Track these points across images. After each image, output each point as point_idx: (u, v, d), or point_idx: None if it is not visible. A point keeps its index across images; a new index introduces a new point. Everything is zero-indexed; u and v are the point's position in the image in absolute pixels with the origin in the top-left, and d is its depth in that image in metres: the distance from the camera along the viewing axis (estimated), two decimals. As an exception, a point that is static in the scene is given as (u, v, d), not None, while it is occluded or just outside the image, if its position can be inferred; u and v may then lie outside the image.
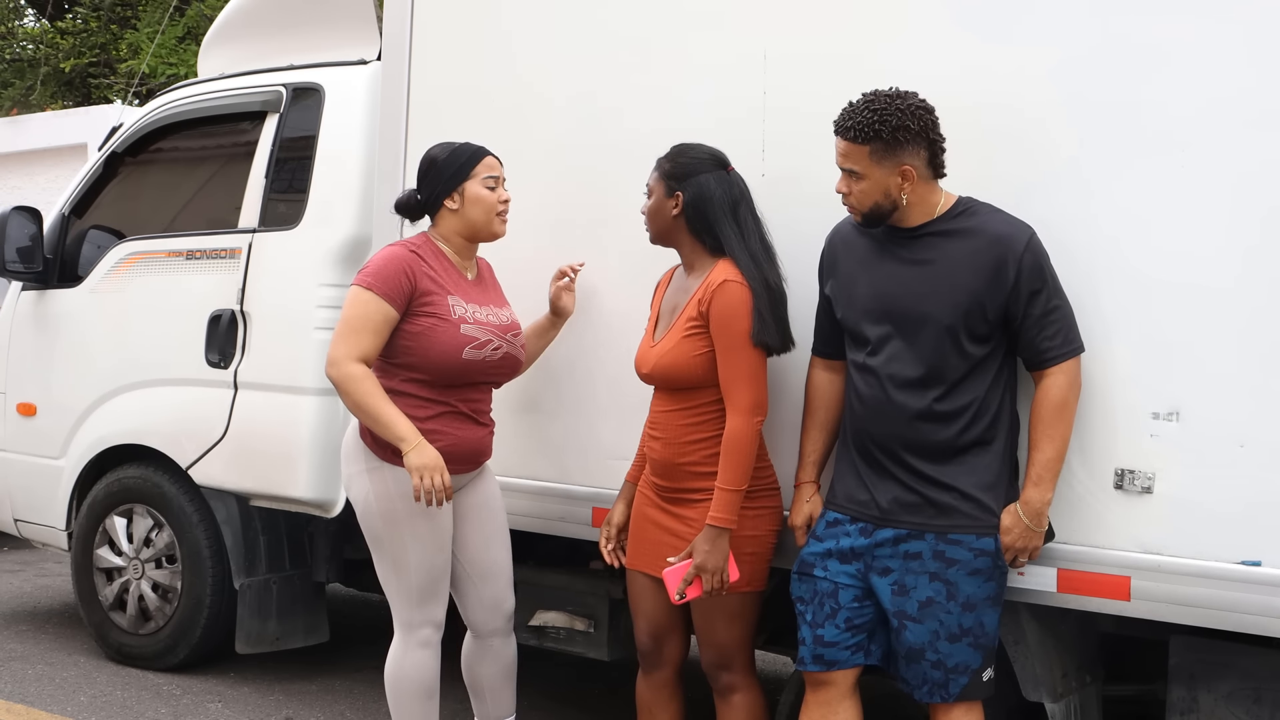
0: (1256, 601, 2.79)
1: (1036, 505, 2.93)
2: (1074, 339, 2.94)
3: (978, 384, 2.97)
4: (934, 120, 2.98)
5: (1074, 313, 2.95)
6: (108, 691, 4.82)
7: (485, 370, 3.54)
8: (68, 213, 5.36)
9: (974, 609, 2.96)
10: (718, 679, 3.37)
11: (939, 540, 2.95)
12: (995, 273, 2.92)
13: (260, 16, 5.07)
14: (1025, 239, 2.93)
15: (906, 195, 2.98)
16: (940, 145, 3.00)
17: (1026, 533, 2.94)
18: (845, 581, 3.07)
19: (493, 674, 3.75)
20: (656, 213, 3.35)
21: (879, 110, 2.94)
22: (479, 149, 3.58)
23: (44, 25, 15.76)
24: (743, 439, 3.17)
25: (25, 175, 10.73)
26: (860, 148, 2.97)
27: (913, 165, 2.96)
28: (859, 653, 3.09)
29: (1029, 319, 2.92)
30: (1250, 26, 2.83)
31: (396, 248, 3.53)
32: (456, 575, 3.68)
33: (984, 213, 3.01)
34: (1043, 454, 2.93)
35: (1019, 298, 2.91)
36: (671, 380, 3.29)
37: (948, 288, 2.96)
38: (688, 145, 3.36)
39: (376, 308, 3.43)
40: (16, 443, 5.43)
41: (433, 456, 3.38)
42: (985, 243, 2.95)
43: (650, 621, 3.42)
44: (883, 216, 3.03)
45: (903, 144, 2.94)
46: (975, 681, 3.00)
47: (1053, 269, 2.94)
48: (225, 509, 4.79)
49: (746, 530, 3.23)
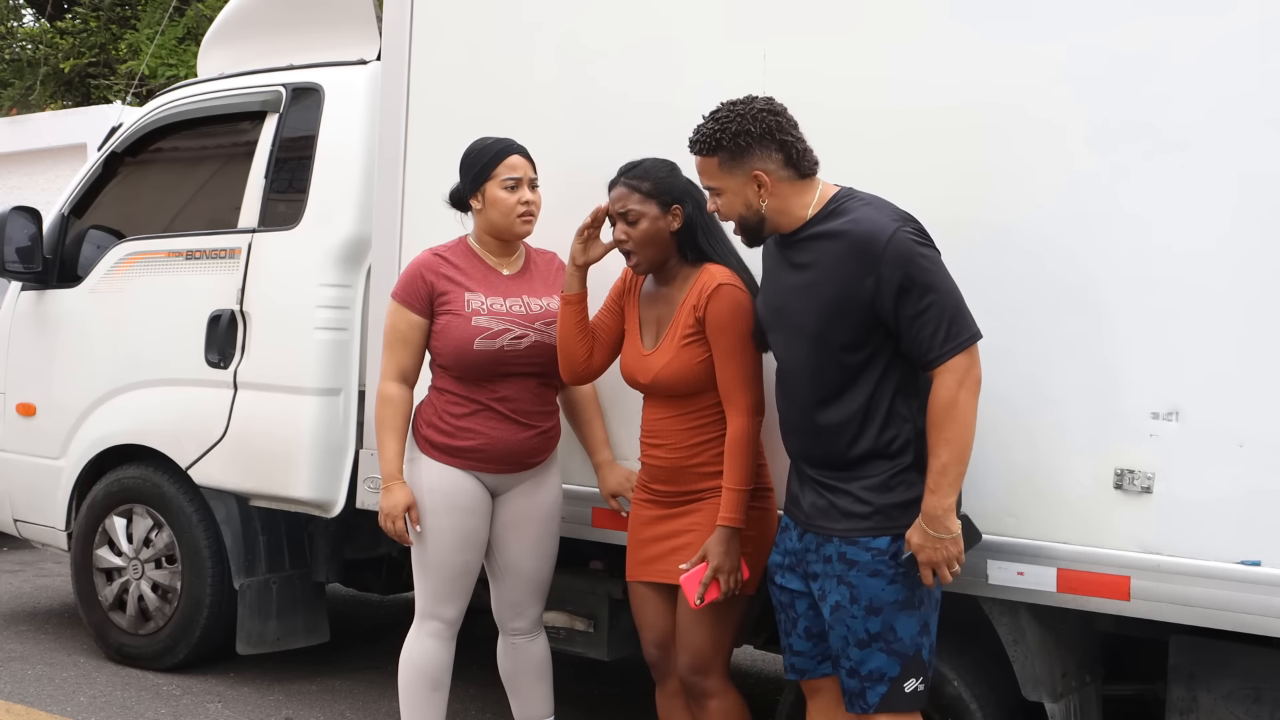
0: (1256, 601, 2.79)
1: (933, 513, 2.78)
2: (957, 333, 2.76)
3: (860, 393, 2.86)
4: (780, 121, 2.89)
5: (960, 300, 2.78)
6: (107, 692, 4.82)
7: (510, 361, 3.53)
8: (67, 213, 5.36)
9: (879, 612, 2.85)
10: (693, 685, 3.32)
11: (842, 543, 2.89)
12: (857, 276, 2.79)
13: (260, 16, 5.07)
14: (886, 236, 2.76)
15: (767, 202, 2.90)
16: (795, 145, 2.89)
17: (934, 542, 2.79)
18: (799, 589, 3.04)
19: (522, 672, 3.77)
20: (655, 234, 3.27)
21: (720, 119, 2.91)
22: (503, 148, 3.56)
23: (43, 25, 15.75)
24: (747, 439, 3.17)
25: (25, 175, 10.72)
26: (709, 160, 2.93)
27: (764, 170, 2.88)
28: (825, 662, 3.04)
29: (902, 320, 2.78)
30: (1252, 28, 2.83)
31: (424, 253, 3.64)
32: (491, 570, 3.71)
33: (854, 209, 2.86)
34: (937, 460, 2.78)
35: (884, 299, 2.77)
36: (674, 389, 3.29)
37: (814, 296, 2.87)
38: (648, 162, 3.32)
39: (401, 317, 3.57)
40: (16, 443, 5.43)
41: (393, 502, 3.55)
42: (847, 244, 2.82)
43: (655, 631, 3.41)
44: (753, 228, 2.97)
45: (747, 149, 2.87)
46: (895, 691, 2.86)
47: (928, 260, 2.78)
48: (225, 509, 4.79)
49: (746, 530, 3.23)
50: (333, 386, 4.52)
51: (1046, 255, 3.04)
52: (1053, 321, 3.03)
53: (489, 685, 4.30)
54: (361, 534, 4.69)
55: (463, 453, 3.55)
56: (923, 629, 2.89)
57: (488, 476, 3.59)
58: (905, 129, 3.22)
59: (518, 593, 3.70)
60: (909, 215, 2.85)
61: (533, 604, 3.73)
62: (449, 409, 3.56)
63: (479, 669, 4.52)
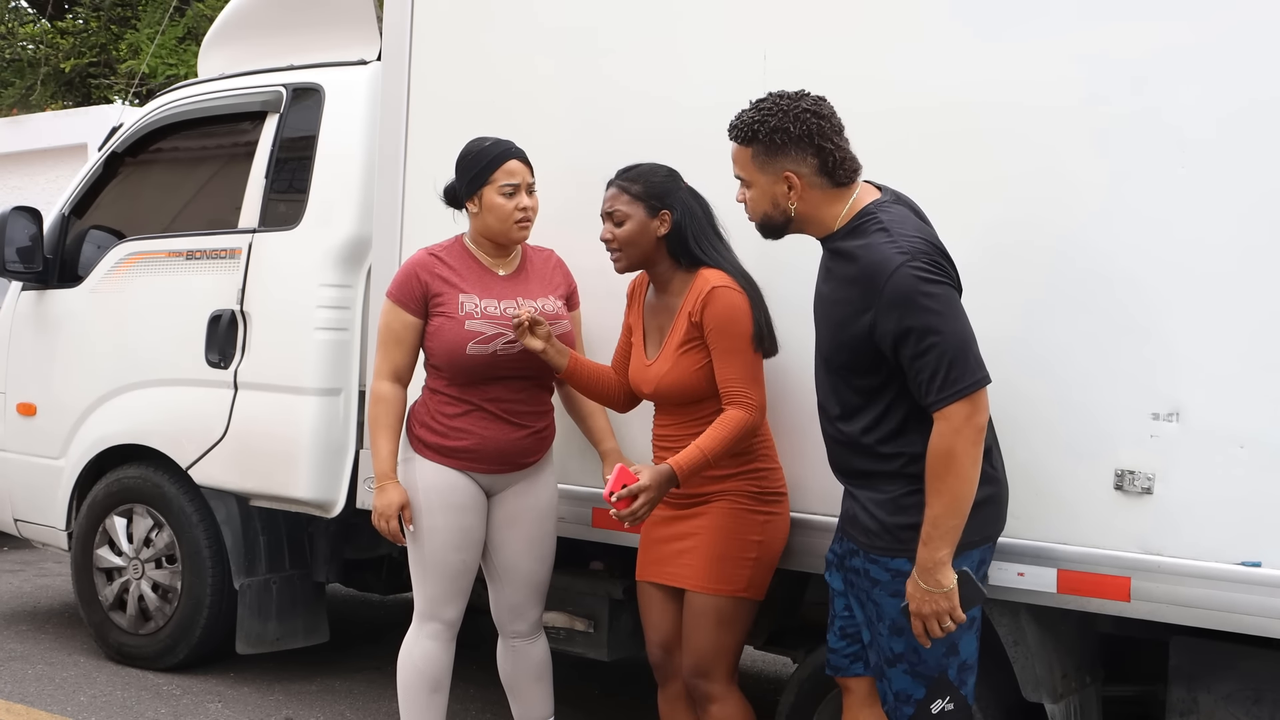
0: (1257, 602, 2.79)
1: (924, 565, 2.68)
2: (956, 379, 2.61)
3: (870, 412, 2.80)
4: (823, 125, 2.78)
5: (966, 343, 2.65)
6: (108, 691, 4.82)
7: (503, 364, 3.52)
8: (68, 213, 5.36)
9: (902, 633, 2.79)
10: (695, 688, 3.32)
11: (865, 559, 2.87)
12: (858, 308, 2.70)
13: (260, 17, 5.07)
14: (888, 272, 2.64)
15: (795, 205, 2.82)
16: (833, 152, 2.79)
17: (924, 594, 2.68)
18: (838, 588, 3.04)
19: (521, 674, 3.76)
20: (639, 236, 3.29)
21: (762, 110, 2.81)
22: (501, 152, 3.52)
23: (44, 25, 15.75)
24: (739, 424, 3.14)
25: (26, 175, 10.73)
26: (743, 150, 2.86)
27: (796, 172, 2.79)
28: (857, 662, 3.03)
29: (901, 359, 2.67)
30: (1254, 29, 2.83)
31: (419, 252, 3.63)
32: (488, 572, 3.71)
33: (869, 233, 2.73)
34: (931, 510, 2.67)
35: (884, 337, 2.67)
36: (675, 398, 3.30)
37: (827, 316, 2.84)
38: (645, 165, 3.34)
39: (395, 316, 3.57)
40: (16, 443, 5.43)
41: (386, 502, 3.54)
42: (854, 273, 2.72)
43: (660, 632, 3.41)
44: (775, 227, 2.90)
45: (782, 148, 2.78)
46: (923, 713, 2.82)
47: (931, 300, 2.63)
48: (225, 509, 4.79)
49: (753, 534, 3.23)
50: (333, 387, 4.52)
51: (1045, 256, 3.03)
52: (1052, 322, 3.03)
53: (489, 685, 4.30)
54: (362, 534, 4.69)
55: (456, 452, 3.55)
56: (949, 650, 2.81)
57: (482, 476, 3.59)
58: (906, 129, 3.22)
59: (516, 595, 3.70)
60: (925, 244, 2.72)
61: (531, 606, 3.73)
62: (442, 409, 3.56)
63: (479, 669, 4.52)
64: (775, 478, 3.30)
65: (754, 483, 3.25)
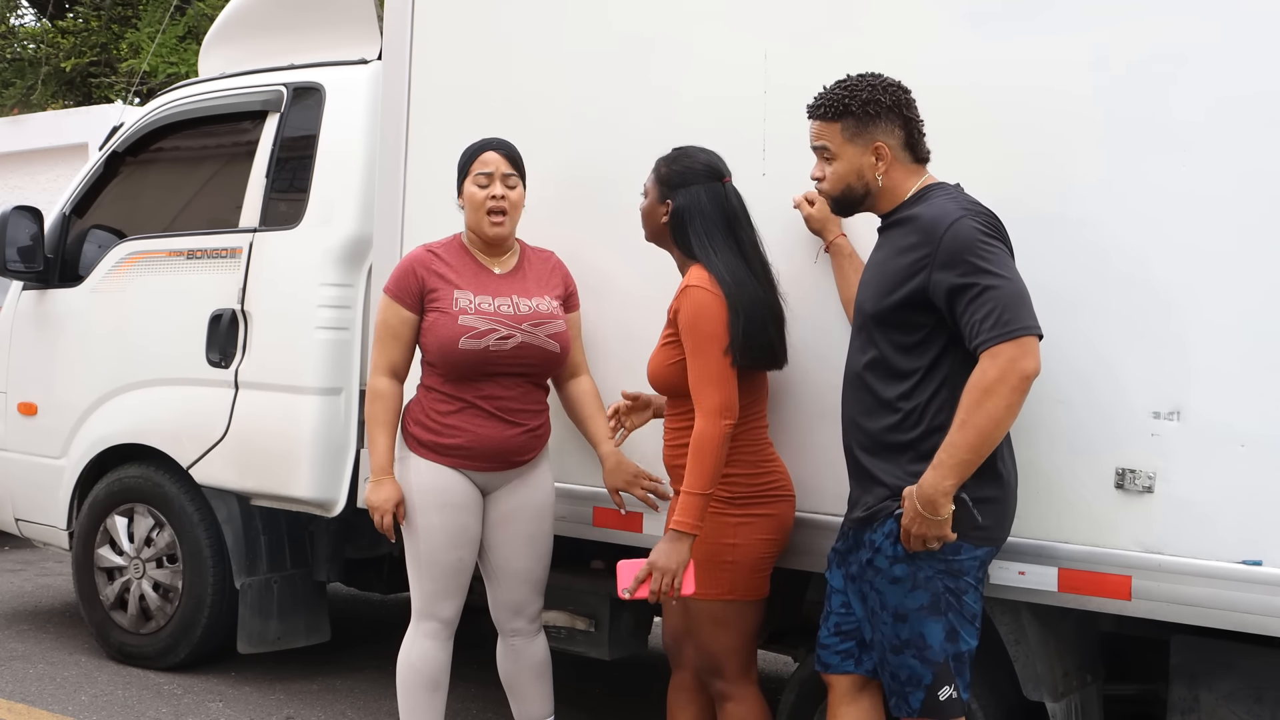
0: (1258, 601, 2.79)
1: (927, 489, 2.72)
2: (1009, 320, 2.66)
3: (909, 377, 2.83)
4: (908, 98, 2.91)
5: (1022, 293, 2.71)
6: (109, 691, 4.82)
7: (496, 361, 3.52)
8: (69, 212, 5.36)
9: (906, 619, 2.83)
10: (710, 685, 3.34)
11: (867, 545, 2.88)
12: (915, 261, 2.78)
13: (261, 16, 5.07)
14: (950, 220, 2.75)
15: (881, 176, 2.90)
16: (917, 126, 2.92)
17: (917, 516, 2.74)
18: (837, 585, 3.05)
19: (521, 673, 3.76)
20: (649, 215, 3.35)
21: (849, 86, 2.91)
22: (479, 145, 3.60)
23: (45, 25, 15.76)
24: (706, 441, 3.07)
25: (26, 175, 10.73)
26: (832, 125, 2.92)
27: (886, 143, 2.89)
28: (848, 660, 3.03)
29: (956, 304, 2.72)
30: (1254, 29, 2.83)
31: (417, 249, 3.66)
32: (484, 571, 3.71)
33: (933, 197, 2.86)
34: (951, 437, 2.70)
35: (938, 286, 2.74)
36: (658, 389, 3.32)
37: (879, 276, 2.89)
38: (688, 150, 3.32)
39: (392, 312, 3.59)
40: (17, 442, 5.43)
41: (383, 497, 3.55)
42: (912, 229, 2.82)
43: (670, 623, 3.43)
44: (854, 201, 2.97)
45: (874, 119, 2.88)
46: (931, 699, 2.84)
47: (988, 248, 2.73)
48: (226, 508, 4.79)
49: (726, 538, 3.18)
50: (334, 386, 4.52)
51: (1045, 256, 3.03)
52: (1053, 320, 3.02)
53: (489, 685, 4.30)
54: (363, 533, 4.69)
55: (449, 450, 3.55)
56: (949, 635, 2.83)
57: (476, 474, 3.59)
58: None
59: (513, 593, 3.70)
60: (987, 210, 2.82)
61: (529, 604, 3.73)
62: (435, 406, 3.56)
63: (479, 669, 4.52)
64: (754, 481, 3.22)
65: (723, 488, 3.16)
